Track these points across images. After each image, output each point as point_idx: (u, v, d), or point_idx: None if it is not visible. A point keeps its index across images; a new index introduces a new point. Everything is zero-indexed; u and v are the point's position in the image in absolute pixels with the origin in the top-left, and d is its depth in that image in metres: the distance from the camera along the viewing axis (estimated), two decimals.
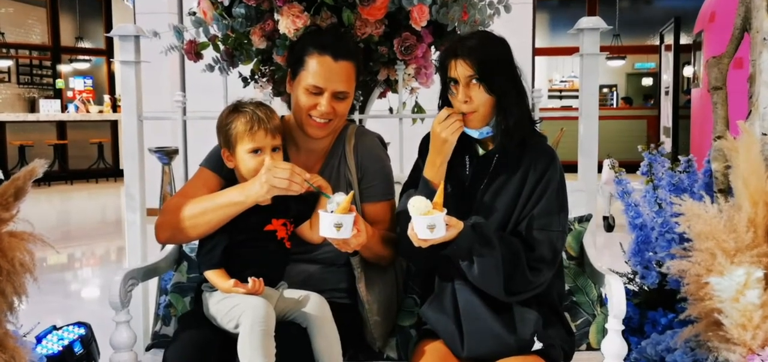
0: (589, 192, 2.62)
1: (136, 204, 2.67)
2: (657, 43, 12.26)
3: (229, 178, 2.01)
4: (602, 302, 2.32)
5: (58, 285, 5.26)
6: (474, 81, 1.81)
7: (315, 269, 2.06)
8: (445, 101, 1.99)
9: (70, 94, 13.88)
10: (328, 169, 2.08)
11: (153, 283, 2.52)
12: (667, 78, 10.88)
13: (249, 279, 1.85)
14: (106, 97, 13.66)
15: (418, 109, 3.05)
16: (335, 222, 1.73)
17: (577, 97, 4.37)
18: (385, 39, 2.42)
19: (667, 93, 10.68)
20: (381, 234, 1.98)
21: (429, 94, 2.96)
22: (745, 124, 2.23)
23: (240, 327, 1.80)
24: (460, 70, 1.82)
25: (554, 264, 1.86)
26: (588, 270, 2.33)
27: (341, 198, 1.81)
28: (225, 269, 1.92)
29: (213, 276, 1.90)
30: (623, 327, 1.98)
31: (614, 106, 14.83)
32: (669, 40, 10.72)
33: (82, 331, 3.06)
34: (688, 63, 9.57)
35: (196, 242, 2.02)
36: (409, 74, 2.75)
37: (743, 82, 2.70)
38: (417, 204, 1.66)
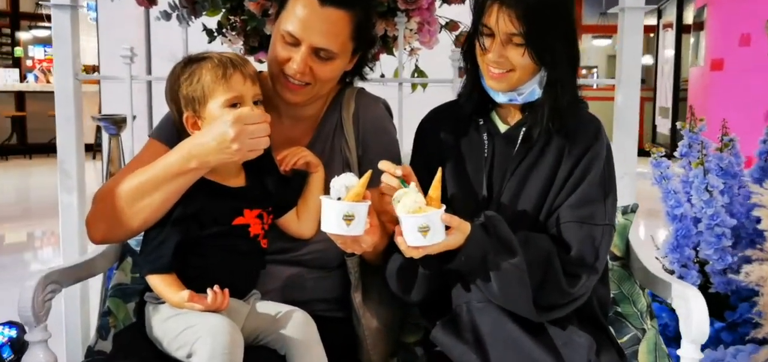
0: (629, 175, 2.16)
1: (71, 183, 2.19)
2: (653, 22, 11.86)
3: None
4: (652, 314, 1.90)
5: (16, 268, 4.74)
6: (516, 43, 1.41)
7: (298, 274, 1.62)
8: (469, 51, 1.54)
9: (29, 62, 13.15)
10: (319, 143, 1.67)
11: (97, 281, 2.03)
12: (668, 55, 10.48)
13: (209, 291, 1.37)
14: None
15: (418, 74, 2.64)
16: (345, 212, 1.31)
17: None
18: None
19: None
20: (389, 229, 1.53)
21: (431, 56, 2.58)
22: None
23: (194, 357, 1.32)
24: (501, 22, 1.40)
25: (597, 269, 1.46)
26: (637, 273, 1.89)
27: (351, 181, 1.36)
28: (177, 274, 1.43)
29: (159, 283, 1.41)
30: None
31: (594, 87, 14.45)
32: (669, 17, 10.33)
33: (13, 333, 2.68)
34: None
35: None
36: (411, 30, 2.38)
37: (751, 59, 2.30)
38: (404, 199, 1.30)
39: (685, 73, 9.75)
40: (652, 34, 12.27)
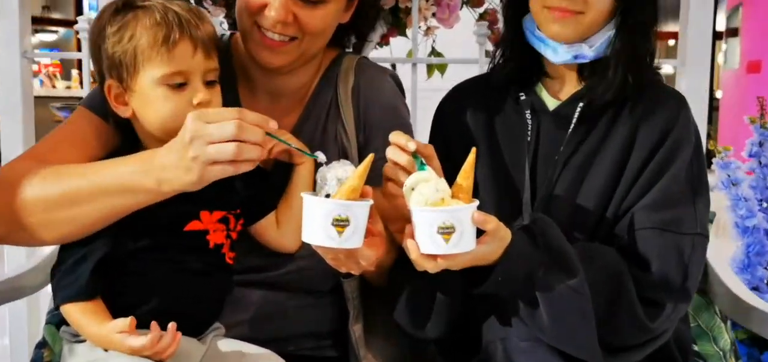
0: None
1: None
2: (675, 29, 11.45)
3: (129, 130, 1.14)
4: (737, 354, 1.54)
5: None
6: None
7: (277, 300, 1.27)
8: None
9: (35, 67, 12.93)
10: (307, 126, 1.31)
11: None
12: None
13: (153, 326, 0.99)
14: (75, 72, 12.71)
15: (435, 55, 2.30)
16: (337, 215, 0.97)
17: None
18: None
19: None
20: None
21: (450, 37, 2.23)
22: None
23: None
24: None
25: (687, 295, 1.17)
26: (719, 300, 1.51)
27: (346, 172, 1.02)
28: (103, 299, 1.05)
29: (76, 313, 1.03)
30: None
31: None
32: None
33: None
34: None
35: None
36: (427, 0, 2.04)
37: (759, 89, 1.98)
38: (420, 187, 1.00)
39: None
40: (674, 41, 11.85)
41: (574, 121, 1.23)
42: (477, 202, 1.03)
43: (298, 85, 1.32)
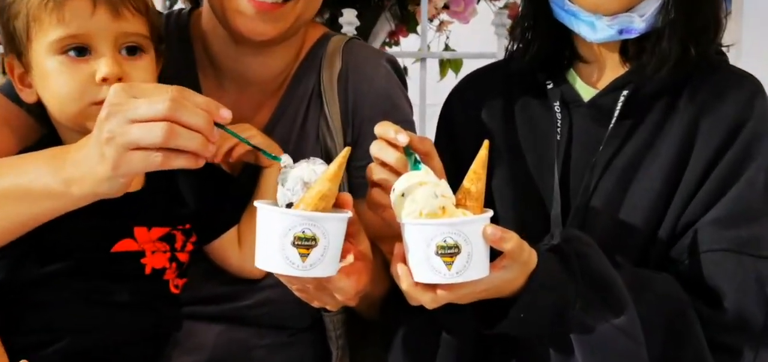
0: None
1: None
2: None
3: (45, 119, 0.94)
4: None
5: None
6: None
7: (241, 338, 1.08)
8: None
9: None
10: (283, 121, 1.10)
11: None
12: None
13: None
14: None
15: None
16: (298, 232, 0.75)
17: None
18: None
19: None
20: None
21: (466, 34, 2.14)
22: None
23: None
24: None
25: None
26: None
27: (313, 172, 0.80)
28: (3, 340, 0.84)
29: None
30: None
31: None
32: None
33: None
34: None
35: None
36: None
37: None
38: (414, 192, 0.80)
39: None
40: None
41: (616, 113, 1.01)
42: (490, 213, 0.82)
43: (273, 71, 1.10)
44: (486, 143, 0.84)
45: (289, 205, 0.77)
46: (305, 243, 0.73)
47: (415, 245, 0.77)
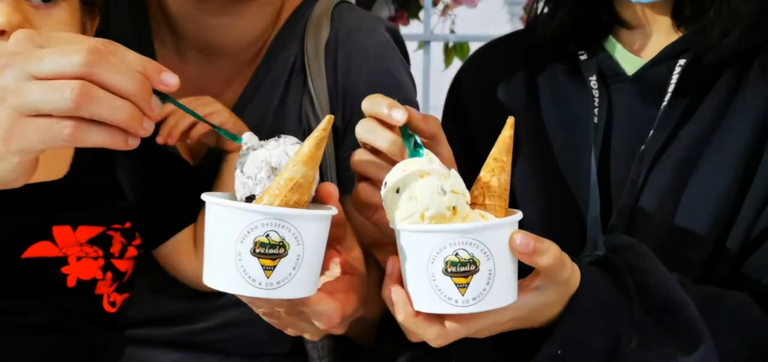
0: None
1: None
2: None
3: None
4: None
5: None
6: None
7: None
8: None
9: None
10: (260, 97, 0.93)
11: None
12: None
13: None
14: None
15: (455, 43, 2.03)
16: (259, 235, 0.55)
17: None
18: None
19: None
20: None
21: (473, 19, 2.02)
22: None
23: None
24: None
25: None
26: None
27: (283, 153, 0.59)
28: None
29: None
30: None
31: None
32: None
33: None
34: None
35: None
36: None
37: None
38: (414, 187, 0.59)
39: None
40: None
41: (670, 89, 0.82)
42: (519, 215, 0.62)
43: (246, 37, 0.92)
44: (511, 120, 0.65)
45: (250, 199, 0.58)
46: (270, 252, 0.54)
47: (416, 260, 0.58)
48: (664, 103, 0.82)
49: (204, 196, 0.57)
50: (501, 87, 0.93)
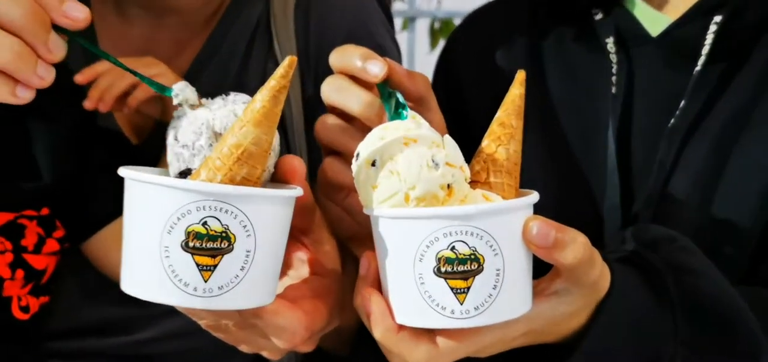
0: None
1: None
2: None
3: None
4: None
5: None
6: None
7: None
8: None
9: None
10: (217, 61, 0.80)
11: None
12: None
13: None
14: None
15: (444, 25, 1.91)
16: (191, 224, 0.40)
17: None
18: None
19: None
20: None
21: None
22: None
23: None
24: None
25: None
26: None
27: (231, 115, 0.45)
28: None
29: None
30: None
31: None
32: None
33: None
34: None
35: None
36: None
37: None
38: (396, 159, 0.45)
39: None
40: None
41: (704, 51, 0.71)
42: (535, 196, 0.49)
43: None
44: (521, 75, 0.51)
45: (185, 174, 0.44)
46: (209, 246, 0.40)
47: (399, 257, 0.45)
48: (697, 69, 0.70)
49: (121, 171, 0.43)
50: (499, 54, 0.80)
